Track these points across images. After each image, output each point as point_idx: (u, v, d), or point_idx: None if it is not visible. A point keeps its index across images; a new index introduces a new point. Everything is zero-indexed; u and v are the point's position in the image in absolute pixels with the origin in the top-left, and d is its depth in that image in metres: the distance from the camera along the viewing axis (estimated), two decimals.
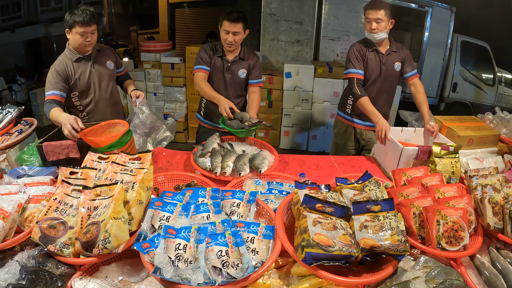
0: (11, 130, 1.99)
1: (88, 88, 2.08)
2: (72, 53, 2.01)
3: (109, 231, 1.06)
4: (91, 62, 2.07)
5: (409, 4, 4.66)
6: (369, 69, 2.32)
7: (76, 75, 2.02)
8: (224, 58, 2.28)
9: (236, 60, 2.30)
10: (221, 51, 2.27)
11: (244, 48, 2.32)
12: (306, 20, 4.59)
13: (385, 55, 2.31)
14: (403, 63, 2.36)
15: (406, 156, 1.81)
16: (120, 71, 2.32)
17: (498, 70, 5.01)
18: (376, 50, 2.30)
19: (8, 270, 1.03)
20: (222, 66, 2.29)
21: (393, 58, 2.33)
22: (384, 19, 2.17)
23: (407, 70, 2.36)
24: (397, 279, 1.07)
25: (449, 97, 5.08)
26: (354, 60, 2.30)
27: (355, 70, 2.28)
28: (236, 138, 2.16)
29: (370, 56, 2.30)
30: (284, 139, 4.65)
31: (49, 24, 5.81)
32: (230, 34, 2.15)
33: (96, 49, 2.10)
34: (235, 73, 2.31)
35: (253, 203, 1.30)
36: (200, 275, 0.98)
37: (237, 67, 2.30)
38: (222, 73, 2.30)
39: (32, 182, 1.39)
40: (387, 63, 2.32)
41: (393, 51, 2.33)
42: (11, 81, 5.35)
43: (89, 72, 2.06)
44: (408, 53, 2.37)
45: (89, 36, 1.93)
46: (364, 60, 2.30)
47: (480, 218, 1.31)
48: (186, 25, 5.80)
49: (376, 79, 2.33)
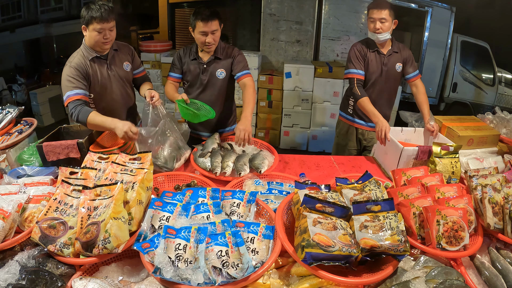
0: (11, 130, 1.99)
1: (104, 90, 1.94)
2: (88, 51, 1.86)
3: (109, 231, 1.06)
4: (107, 63, 1.92)
5: (409, 4, 4.66)
6: (370, 70, 2.31)
7: (92, 76, 1.88)
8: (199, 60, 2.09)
9: (211, 60, 2.08)
10: (194, 53, 2.10)
11: (219, 44, 2.07)
12: (306, 20, 4.59)
13: (386, 55, 2.29)
14: (404, 64, 2.34)
15: (406, 156, 1.81)
16: (138, 72, 2.13)
17: (498, 70, 5.02)
18: (377, 50, 2.29)
19: (8, 270, 1.03)
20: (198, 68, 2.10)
21: (395, 58, 2.31)
22: (388, 19, 2.15)
23: (409, 71, 2.34)
24: (397, 279, 1.07)
25: (449, 97, 5.08)
26: (355, 60, 2.29)
27: (355, 70, 2.27)
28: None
29: (371, 57, 2.29)
30: (284, 139, 4.65)
31: (49, 24, 5.80)
32: (209, 35, 1.94)
33: (113, 48, 1.95)
34: (213, 74, 2.10)
35: (253, 203, 1.30)
36: (200, 275, 0.98)
37: (213, 68, 2.09)
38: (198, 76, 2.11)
39: (32, 182, 1.39)
40: (389, 64, 2.30)
41: (395, 52, 2.31)
42: (11, 81, 5.35)
43: (105, 74, 1.92)
44: (410, 54, 2.34)
45: (107, 33, 1.79)
46: (365, 61, 2.29)
47: (480, 218, 1.31)
48: (186, 25, 5.81)
49: (377, 79, 2.33)
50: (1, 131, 1.94)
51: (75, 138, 1.73)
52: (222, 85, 2.13)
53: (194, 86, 2.15)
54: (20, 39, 5.76)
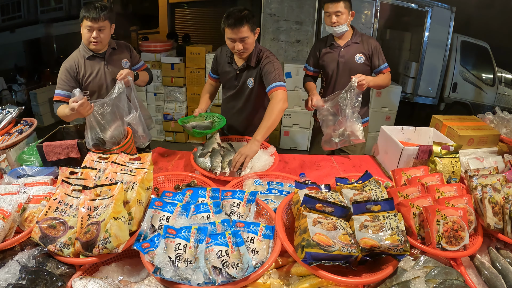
0: (11, 130, 1.99)
1: (100, 88, 1.98)
2: (85, 50, 1.92)
3: (109, 231, 1.06)
4: (105, 62, 1.96)
5: (409, 4, 4.67)
6: (325, 65, 2.30)
7: (87, 74, 1.92)
8: (233, 65, 2.01)
9: (243, 68, 1.98)
10: (230, 56, 2.01)
11: (254, 50, 1.93)
12: (306, 20, 4.60)
13: (343, 47, 2.23)
14: (370, 56, 2.23)
15: (406, 156, 1.81)
16: (138, 68, 2.15)
17: (498, 70, 5.02)
18: (332, 44, 2.27)
19: (8, 270, 1.03)
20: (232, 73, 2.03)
21: (353, 50, 2.23)
22: (344, 11, 2.12)
23: (375, 64, 2.23)
24: (397, 279, 1.07)
25: (449, 97, 5.08)
26: (309, 57, 2.43)
27: (306, 64, 2.45)
28: (236, 138, 2.16)
29: (326, 51, 2.28)
30: (284, 139, 4.66)
31: (49, 24, 5.81)
32: (237, 42, 1.81)
33: (112, 46, 2.00)
34: (245, 81, 2.01)
35: (253, 203, 1.30)
36: (200, 275, 0.98)
37: (245, 75, 2.00)
38: (231, 81, 2.06)
39: (32, 182, 1.39)
40: (346, 55, 2.23)
41: (355, 43, 2.23)
42: (11, 81, 5.36)
43: (102, 72, 1.96)
44: (376, 45, 2.22)
45: (95, 32, 1.82)
46: (318, 56, 2.33)
47: (480, 218, 1.31)
48: (186, 25, 5.81)
49: (334, 72, 2.29)
50: (1, 131, 1.94)
51: (75, 138, 1.73)
52: (250, 93, 2.04)
53: (228, 90, 2.14)
54: (20, 39, 5.78)
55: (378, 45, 2.25)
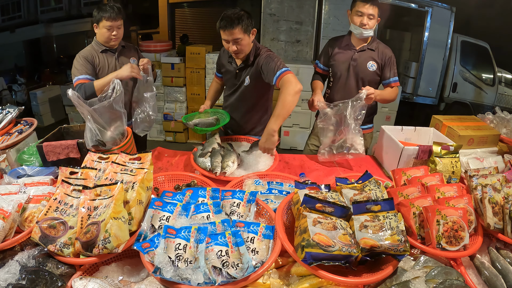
0: (11, 130, 1.99)
1: None
2: (99, 45, 2.12)
3: (109, 231, 1.06)
4: (116, 56, 2.17)
5: (409, 4, 4.67)
6: (335, 64, 2.22)
7: (100, 65, 2.11)
8: (233, 64, 2.04)
9: (241, 67, 2.01)
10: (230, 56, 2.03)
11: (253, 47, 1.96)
12: (306, 20, 4.59)
13: (357, 50, 2.16)
14: (382, 66, 2.16)
15: (407, 156, 1.81)
16: None
17: (498, 70, 5.02)
18: (347, 44, 2.19)
19: (8, 270, 1.03)
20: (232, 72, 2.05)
21: (367, 56, 2.15)
22: (375, 16, 2.06)
23: (386, 75, 2.16)
24: (397, 279, 1.07)
25: (449, 97, 5.09)
26: (321, 53, 2.35)
27: (317, 61, 2.36)
28: (236, 138, 2.16)
29: (339, 50, 2.22)
30: (284, 139, 4.65)
31: (49, 24, 5.81)
32: (231, 43, 1.84)
33: (121, 45, 2.21)
34: (243, 80, 2.03)
35: (253, 203, 1.30)
36: (200, 275, 0.98)
37: (244, 74, 2.02)
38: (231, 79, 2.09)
39: (32, 182, 1.39)
40: (359, 59, 2.15)
41: (370, 49, 2.15)
42: (11, 81, 5.35)
43: (113, 64, 2.15)
44: (391, 56, 2.14)
45: (115, 30, 2.05)
46: (330, 54, 2.26)
47: (480, 218, 1.31)
48: (186, 25, 5.81)
49: (343, 74, 2.21)
50: (1, 131, 1.94)
51: (75, 138, 1.73)
52: (245, 92, 2.05)
53: (228, 88, 2.18)
54: (20, 39, 5.77)
55: (393, 57, 2.16)
